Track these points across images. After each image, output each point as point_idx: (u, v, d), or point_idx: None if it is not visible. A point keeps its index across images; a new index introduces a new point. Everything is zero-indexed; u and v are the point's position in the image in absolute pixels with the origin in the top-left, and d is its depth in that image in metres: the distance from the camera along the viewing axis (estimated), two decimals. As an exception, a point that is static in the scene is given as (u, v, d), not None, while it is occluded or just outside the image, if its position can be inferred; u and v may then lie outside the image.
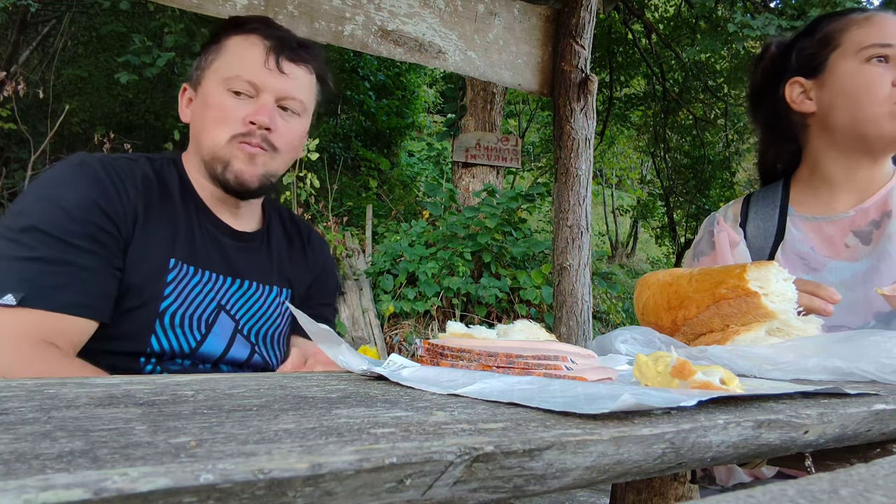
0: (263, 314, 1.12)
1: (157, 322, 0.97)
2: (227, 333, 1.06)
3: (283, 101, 1.06)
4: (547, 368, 0.61)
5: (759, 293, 0.80)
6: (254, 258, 1.13)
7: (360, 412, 0.41)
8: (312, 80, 1.12)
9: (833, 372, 0.71)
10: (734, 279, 0.82)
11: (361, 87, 8.93)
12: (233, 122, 1.02)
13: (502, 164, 6.58)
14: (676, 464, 0.43)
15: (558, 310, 2.34)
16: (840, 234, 1.14)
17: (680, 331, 0.89)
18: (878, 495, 0.30)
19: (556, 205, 2.35)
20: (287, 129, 1.07)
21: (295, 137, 1.09)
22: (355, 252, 5.89)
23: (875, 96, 1.09)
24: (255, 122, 1.02)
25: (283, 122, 1.06)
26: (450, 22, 2.04)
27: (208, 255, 1.06)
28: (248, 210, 1.15)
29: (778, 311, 0.80)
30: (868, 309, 1.05)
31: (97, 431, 0.32)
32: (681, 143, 10.51)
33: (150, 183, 1.02)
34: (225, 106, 1.02)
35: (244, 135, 1.02)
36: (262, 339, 1.11)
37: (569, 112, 2.25)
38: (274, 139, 1.05)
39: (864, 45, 1.12)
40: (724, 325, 0.84)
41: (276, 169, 1.08)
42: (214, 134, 1.03)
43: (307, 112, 1.12)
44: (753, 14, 5.76)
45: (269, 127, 1.03)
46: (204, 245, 1.06)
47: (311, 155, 5.66)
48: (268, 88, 1.03)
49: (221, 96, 1.02)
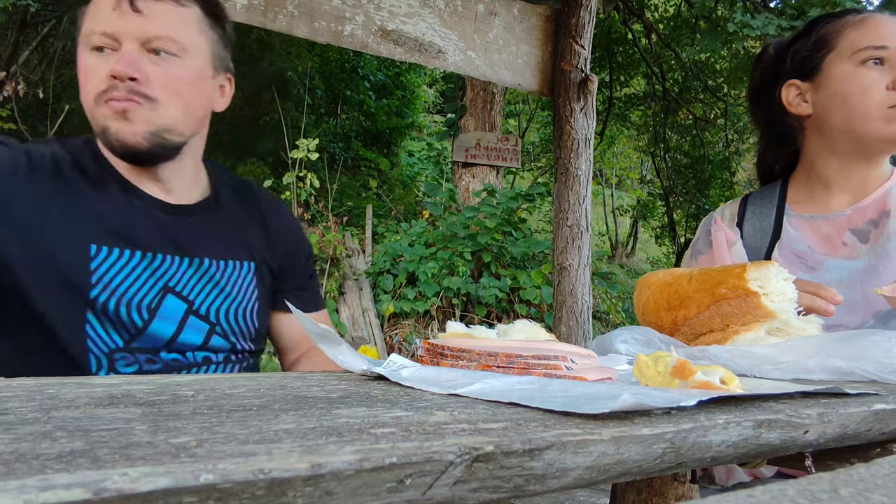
0: (222, 290, 1.03)
1: (88, 313, 0.90)
2: (177, 317, 0.97)
3: (151, 45, 0.93)
4: (547, 368, 0.61)
5: (760, 293, 0.80)
6: (200, 231, 1.03)
7: (360, 412, 0.41)
8: (190, 14, 0.98)
9: (833, 372, 0.71)
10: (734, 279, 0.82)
11: (361, 87, 8.93)
12: (95, 80, 0.91)
13: (502, 164, 6.58)
14: (676, 464, 0.43)
15: (558, 310, 2.34)
16: (837, 232, 1.14)
17: (680, 331, 0.89)
18: (877, 495, 0.30)
19: (556, 205, 2.35)
20: (161, 73, 0.93)
21: (174, 81, 0.95)
22: (355, 252, 5.89)
23: (870, 99, 1.09)
24: (115, 76, 0.89)
25: (156, 66, 0.93)
26: (450, 22, 2.04)
27: (144, 235, 0.96)
28: (179, 180, 1.03)
29: (778, 310, 0.80)
30: (867, 308, 1.06)
31: (97, 431, 0.32)
32: (681, 143, 10.51)
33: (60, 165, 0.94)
34: (86, 66, 0.91)
35: (106, 91, 0.90)
36: (223, 317, 1.03)
37: (569, 112, 2.25)
38: (146, 89, 0.92)
39: (858, 47, 1.12)
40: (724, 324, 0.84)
41: (166, 123, 0.95)
42: (83, 100, 0.92)
43: (189, 51, 0.97)
44: (753, 14, 5.75)
45: (132, 77, 0.90)
46: (137, 224, 0.96)
47: (311, 155, 5.66)
48: (126, 34, 0.90)
49: (84, 58, 0.92)
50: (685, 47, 7.92)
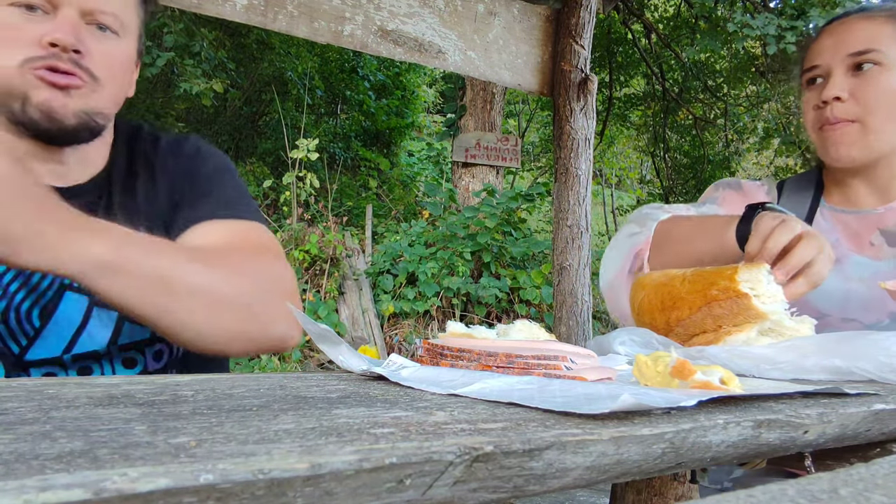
0: None
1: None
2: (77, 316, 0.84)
3: (94, 17, 0.83)
4: (547, 368, 0.61)
5: (750, 294, 0.80)
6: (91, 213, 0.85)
7: (360, 412, 0.41)
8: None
9: (832, 371, 0.71)
10: (725, 280, 0.82)
11: (361, 87, 8.94)
12: (23, 43, 0.78)
13: (502, 164, 6.58)
14: (676, 464, 0.43)
15: (558, 310, 2.34)
16: (866, 230, 1.13)
17: (674, 331, 0.90)
18: (877, 495, 0.30)
19: (556, 205, 2.35)
20: (103, 52, 0.84)
21: (117, 64, 0.87)
22: (355, 252, 5.89)
23: (808, 122, 1.14)
24: (56, 44, 0.78)
25: (98, 43, 0.83)
26: (449, 22, 2.04)
27: None
28: (78, 161, 0.90)
29: (769, 311, 0.80)
30: (882, 308, 1.05)
31: (97, 431, 0.32)
32: (680, 142, 10.52)
33: None
34: (10, 24, 0.78)
35: (43, 58, 0.78)
36: None
37: (568, 112, 2.25)
38: (90, 65, 0.82)
39: (802, 71, 1.16)
40: (716, 325, 0.84)
41: (99, 105, 0.85)
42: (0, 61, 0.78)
43: (128, 32, 0.89)
44: (753, 14, 5.76)
45: (77, 49, 0.80)
46: None
47: (310, 155, 5.66)
48: (69, 1, 0.81)
49: (5, 13, 0.78)
50: (685, 47, 7.92)
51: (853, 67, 1.07)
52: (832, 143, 1.09)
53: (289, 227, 5.68)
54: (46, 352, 0.84)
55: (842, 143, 1.08)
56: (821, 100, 1.09)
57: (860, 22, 1.08)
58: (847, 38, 1.08)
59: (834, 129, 1.08)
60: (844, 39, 1.08)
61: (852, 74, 1.07)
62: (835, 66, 1.08)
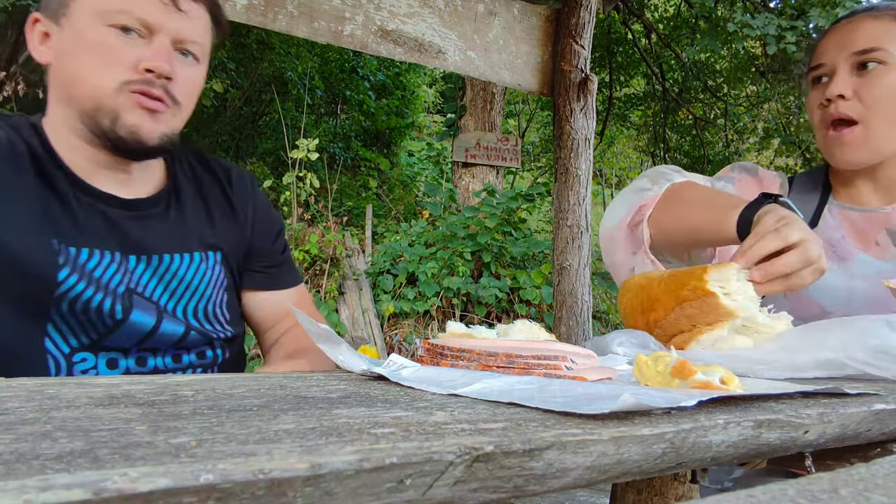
0: (187, 288, 0.97)
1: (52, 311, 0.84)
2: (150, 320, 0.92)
3: (183, 45, 0.90)
4: (547, 368, 0.61)
5: (719, 293, 0.81)
6: (158, 226, 0.96)
7: (360, 412, 0.41)
8: (209, 20, 0.95)
9: (825, 365, 0.71)
10: (695, 280, 0.83)
11: (361, 87, 8.93)
12: (122, 66, 0.84)
13: (502, 164, 6.58)
14: (676, 464, 0.43)
15: (558, 310, 2.34)
16: (873, 230, 1.13)
17: (654, 333, 0.90)
18: (877, 495, 0.30)
19: (556, 205, 2.35)
20: (187, 78, 0.91)
21: (195, 89, 0.94)
22: (355, 252, 5.89)
23: (814, 123, 1.13)
24: (152, 70, 0.85)
25: (182, 69, 0.90)
26: (449, 22, 2.04)
27: (96, 233, 0.89)
28: (142, 174, 0.97)
29: (737, 309, 0.81)
30: (885, 307, 1.05)
31: (97, 431, 0.32)
32: (681, 143, 10.51)
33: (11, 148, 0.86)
34: (110, 45, 0.84)
35: (139, 83, 0.85)
36: (193, 315, 0.98)
37: (568, 112, 2.25)
38: (175, 90, 0.89)
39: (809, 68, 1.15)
40: (690, 325, 0.85)
41: (177, 127, 0.92)
42: (97, 80, 0.84)
43: (206, 58, 0.96)
44: (753, 14, 5.75)
45: (169, 76, 0.87)
46: (88, 222, 0.89)
47: (310, 155, 5.66)
48: (165, 29, 0.87)
49: (103, 33, 0.84)
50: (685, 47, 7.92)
51: (858, 66, 1.06)
52: (837, 146, 1.09)
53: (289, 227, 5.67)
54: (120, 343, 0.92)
55: (847, 147, 1.08)
56: (825, 97, 1.08)
57: (866, 21, 1.08)
58: (852, 36, 1.07)
59: (840, 135, 1.08)
60: (850, 38, 1.08)
61: (857, 73, 1.07)
62: (839, 65, 1.08)
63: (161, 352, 0.96)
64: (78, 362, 0.89)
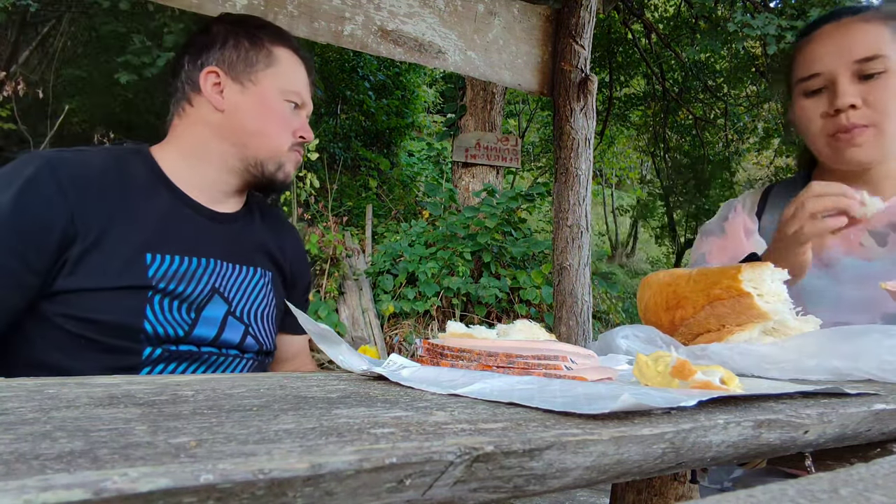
0: (250, 294, 1.13)
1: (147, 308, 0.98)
2: (218, 317, 1.07)
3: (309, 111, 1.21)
4: (547, 368, 0.61)
5: (753, 294, 0.80)
6: (235, 238, 1.14)
7: (360, 412, 0.41)
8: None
9: (832, 372, 0.71)
10: (728, 280, 0.82)
11: (361, 87, 8.93)
12: (290, 130, 1.14)
13: (502, 164, 6.58)
14: (676, 464, 0.43)
15: (558, 310, 2.34)
16: (855, 232, 1.12)
17: (678, 331, 0.90)
18: (877, 495, 0.30)
19: (556, 204, 2.34)
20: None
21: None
22: (355, 252, 5.88)
23: (813, 132, 1.12)
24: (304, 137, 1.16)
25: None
26: (449, 22, 2.04)
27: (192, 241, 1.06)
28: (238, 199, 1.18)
29: (771, 311, 0.80)
30: (876, 308, 1.05)
31: (97, 431, 0.32)
32: (681, 142, 10.51)
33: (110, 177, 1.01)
34: (287, 115, 1.13)
35: (297, 143, 1.16)
36: (254, 319, 1.13)
37: (568, 112, 2.25)
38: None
39: (795, 79, 1.13)
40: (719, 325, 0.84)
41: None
42: (278, 139, 1.12)
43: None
44: (753, 14, 5.75)
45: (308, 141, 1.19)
46: (187, 231, 1.06)
47: (311, 155, 5.66)
48: (308, 106, 1.18)
49: (282, 105, 1.12)
50: (685, 47, 7.92)
51: (859, 73, 1.05)
52: (848, 147, 1.07)
53: (289, 227, 5.67)
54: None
55: (859, 148, 1.06)
56: (833, 108, 1.06)
57: (858, 25, 1.06)
58: (848, 43, 1.05)
59: (851, 135, 1.06)
60: (846, 45, 1.06)
61: (860, 81, 1.05)
62: (840, 74, 1.06)
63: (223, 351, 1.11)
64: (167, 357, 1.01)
